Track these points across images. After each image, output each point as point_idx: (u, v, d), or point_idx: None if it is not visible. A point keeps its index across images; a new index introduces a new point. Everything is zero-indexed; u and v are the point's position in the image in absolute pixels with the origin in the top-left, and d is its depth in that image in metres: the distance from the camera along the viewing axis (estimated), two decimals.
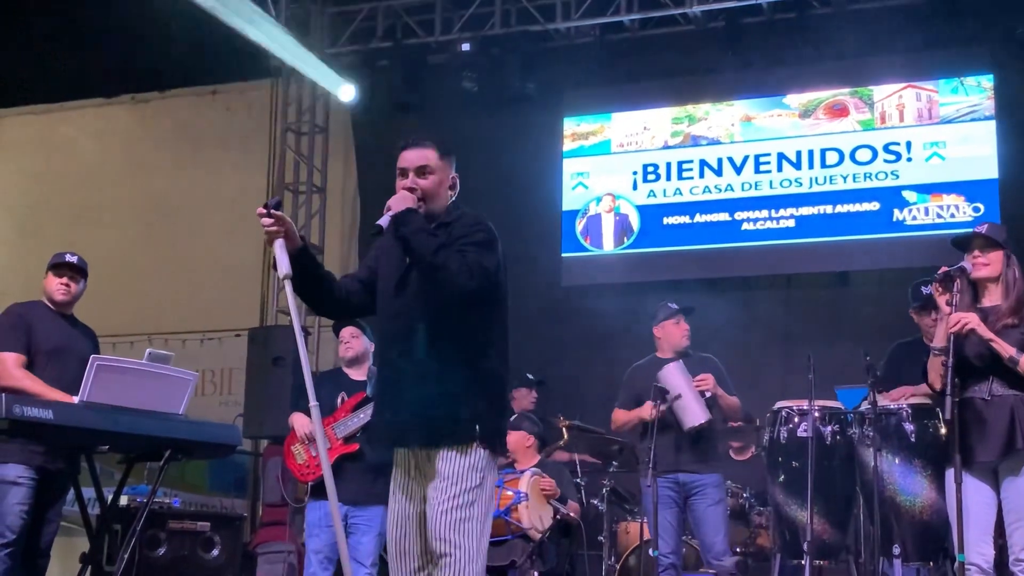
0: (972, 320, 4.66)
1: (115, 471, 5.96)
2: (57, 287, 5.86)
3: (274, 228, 3.67)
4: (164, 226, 12.01)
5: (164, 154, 12.17)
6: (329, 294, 3.92)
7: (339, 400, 6.41)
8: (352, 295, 3.95)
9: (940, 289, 4.82)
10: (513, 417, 7.61)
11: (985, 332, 4.66)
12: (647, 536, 6.64)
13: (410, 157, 3.83)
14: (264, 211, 3.68)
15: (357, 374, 6.41)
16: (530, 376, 8.32)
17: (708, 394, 6.45)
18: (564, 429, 7.85)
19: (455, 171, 3.92)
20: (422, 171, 3.81)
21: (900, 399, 5.75)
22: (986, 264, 4.81)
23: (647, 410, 6.40)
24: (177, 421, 5.16)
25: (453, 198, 3.91)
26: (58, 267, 5.89)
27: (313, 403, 3.67)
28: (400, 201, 3.72)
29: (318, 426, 3.77)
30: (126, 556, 5.23)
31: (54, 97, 12.56)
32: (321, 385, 6.63)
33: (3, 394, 4.67)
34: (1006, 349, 4.64)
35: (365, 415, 6.13)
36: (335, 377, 6.58)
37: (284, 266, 3.67)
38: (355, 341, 6.44)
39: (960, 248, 4.96)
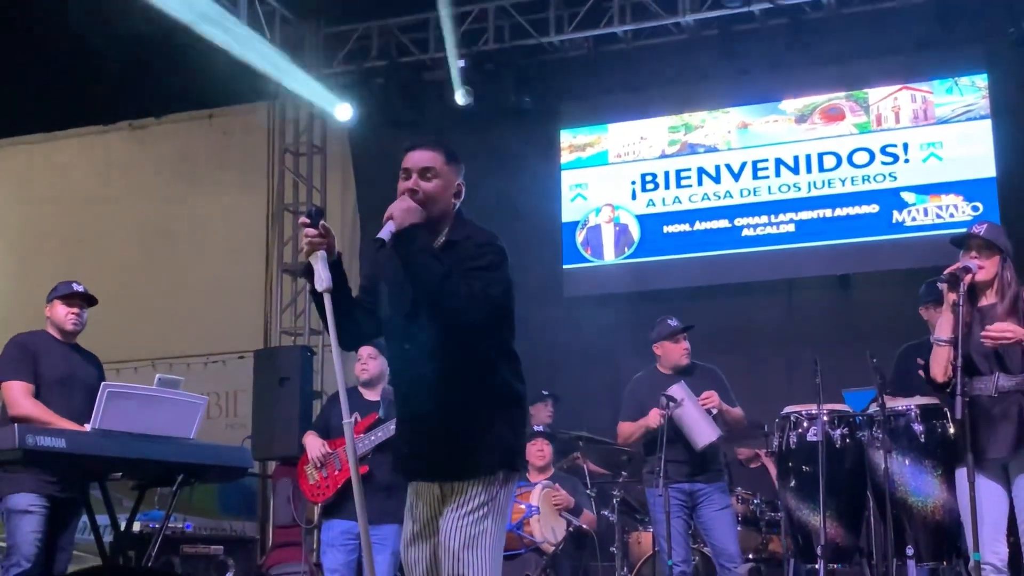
0: (1016, 331, 4.69)
1: (124, 498, 5.97)
2: (68, 316, 5.88)
3: (319, 240, 3.52)
4: (165, 251, 12.02)
5: (163, 179, 12.19)
6: (359, 309, 3.76)
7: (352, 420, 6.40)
8: (371, 316, 3.80)
9: (947, 288, 4.87)
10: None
11: None
12: (656, 546, 6.65)
13: (415, 158, 3.65)
14: (308, 221, 3.53)
15: (371, 394, 6.35)
16: (545, 392, 8.36)
17: (714, 411, 6.47)
18: (577, 440, 7.87)
19: (462, 179, 3.74)
20: (425, 173, 3.62)
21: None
22: (982, 267, 4.86)
23: (653, 418, 6.42)
24: (188, 445, 5.16)
25: (457, 207, 3.72)
26: (69, 297, 5.91)
27: (347, 420, 3.61)
28: (403, 212, 3.51)
29: (350, 443, 3.65)
30: None
31: (52, 125, 12.58)
32: (333, 405, 6.64)
33: (16, 424, 4.68)
34: None
35: (376, 437, 6.12)
36: (349, 396, 6.55)
37: (325, 279, 3.50)
38: (372, 363, 6.35)
39: (958, 247, 5.01)
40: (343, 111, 10.65)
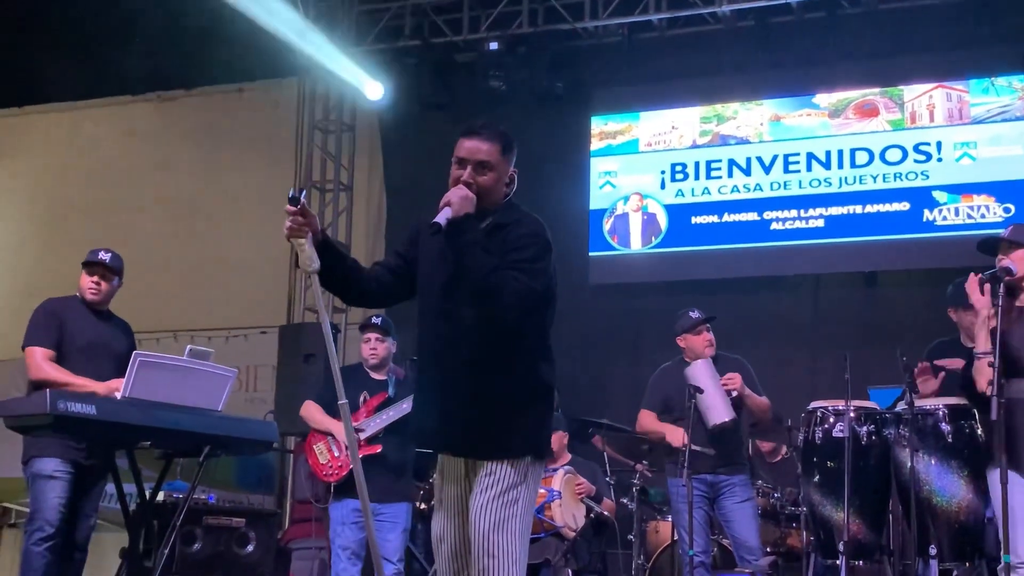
0: None
1: (144, 467, 5.99)
2: (88, 286, 5.85)
3: (301, 221, 3.58)
4: (190, 224, 12.04)
5: (190, 152, 12.18)
6: (357, 284, 3.84)
7: (361, 399, 6.40)
8: (383, 285, 3.86)
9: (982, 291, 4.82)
10: None
11: None
12: (675, 535, 6.65)
13: (470, 147, 3.65)
14: (294, 209, 3.56)
15: (378, 374, 6.42)
16: None
17: (734, 394, 6.44)
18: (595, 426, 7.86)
19: (514, 167, 3.76)
20: (481, 168, 3.63)
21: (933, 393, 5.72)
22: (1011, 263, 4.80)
23: (677, 437, 6.39)
24: (216, 417, 5.19)
25: (509, 195, 3.76)
26: (90, 265, 5.88)
27: (342, 401, 3.73)
28: (461, 201, 3.55)
29: (347, 424, 3.79)
30: (165, 552, 5.24)
31: (80, 94, 12.57)
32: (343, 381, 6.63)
33: (47, 390, 4.72)
34: None
35: (388, 416, 6.15)
36: (356, 374, 6.55)
37: (315, 260, 3.61)
38: (380, 345, 6.42)
39: (986, 253, 4.97)
40: (374, 90, 10.63)
